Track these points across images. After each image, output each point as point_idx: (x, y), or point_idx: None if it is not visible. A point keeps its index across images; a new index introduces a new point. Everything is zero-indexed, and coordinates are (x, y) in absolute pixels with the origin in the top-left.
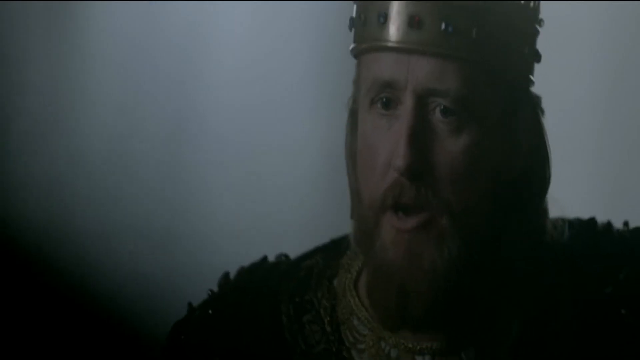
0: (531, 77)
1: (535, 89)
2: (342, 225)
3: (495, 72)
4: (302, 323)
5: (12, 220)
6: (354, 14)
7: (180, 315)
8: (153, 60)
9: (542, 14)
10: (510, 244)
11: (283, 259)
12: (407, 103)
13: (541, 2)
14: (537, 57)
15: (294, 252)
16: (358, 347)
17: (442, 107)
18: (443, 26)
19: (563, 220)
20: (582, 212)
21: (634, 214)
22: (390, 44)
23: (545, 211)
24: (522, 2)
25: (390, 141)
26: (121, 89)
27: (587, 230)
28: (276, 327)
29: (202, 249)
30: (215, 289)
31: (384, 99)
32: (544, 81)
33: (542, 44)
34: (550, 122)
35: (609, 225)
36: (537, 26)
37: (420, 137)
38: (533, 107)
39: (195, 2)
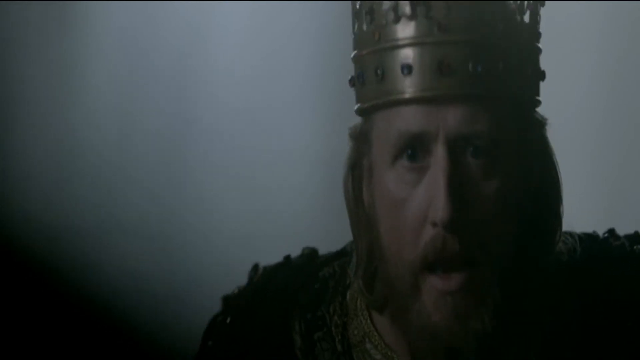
0: (538, 98)
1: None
2: (342, 228)
3: (517, 104)
4: (313, 341)
5: (10, 219)
6: (357, 71)
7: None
8: (152, 61)
9: (543, 14)
10: (528, 268)
11: (306, 252)
12: (440, 152)
13: (541, 2)
14: (542, 76)
15: (295, 253)
16: None
17: (473, 149)
18: (471, 67)
19: (572, 235)
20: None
21: (634, 213)
22: (419, 95)
23: (557, 233)
24: (529, 22)
25: (423, 194)
26: (120, 90)
27: (594, 244)
28: (287, 343)
29: (201, 250)
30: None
31: (411, 152)
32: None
33: (542, 44)
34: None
35: (612, 235)
36: (539, 44)
37: (457, 184)
38: (540, 128)
39: (195, 2)
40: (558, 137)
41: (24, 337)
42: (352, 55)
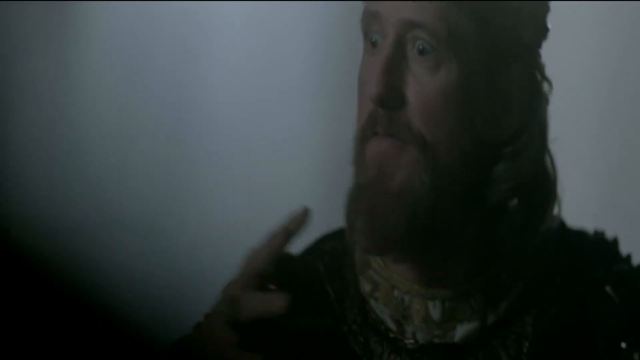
0: (540, 42)
1: None
2: (343, 222)
3: (482, 11)
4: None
5: (8, 217)
6: None
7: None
8: (152, 59)
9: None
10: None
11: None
12: (388, 37)
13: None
14: (545, 28)
15: (295, 249)
16: (375, 296)
17: (421, 45)
18: None
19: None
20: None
21: (634, 214)
22: None
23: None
24: None
25: (371, 75)
26: (120, 87)
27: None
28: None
29: (201, 248)
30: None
31: (372, 39)
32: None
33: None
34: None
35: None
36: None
37: (395, 69)
38: (530, 66)
39: (195, 0)
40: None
41: (23, 336)
42: None
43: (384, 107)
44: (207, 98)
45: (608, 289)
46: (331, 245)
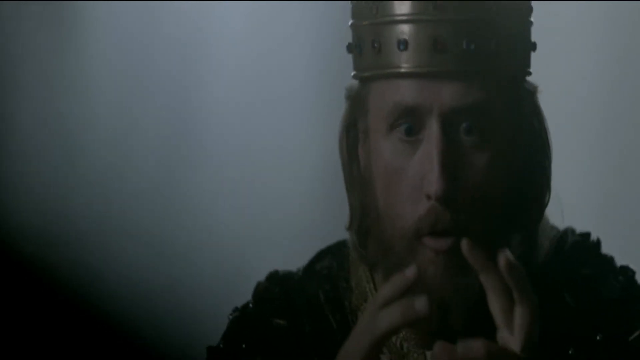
0: (529, 69)
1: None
2: (343, 226)
3: (509, 78)
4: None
5: (9, 224)
6: (355, 39)
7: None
8: (152, 62)
9: (542, 14)
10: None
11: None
12: (434, 127)
13: (541, 2)
14: (533, 47)
15: (295, 253)
16: None
17: (466, 124)
18: (465, 45)
19: (559, 232)
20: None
21: (633, 214)
22: (414, 70)
23: (546, 196)
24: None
25: (417, 167)
26: (120, 90)
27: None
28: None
29: (202, 255)
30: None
31: (406, 126)
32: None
33: (542, 44)
34: (551, 123)
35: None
36: (531, 18)
37: (450, 159)
38: (531, 96)
39: (195, 2)
40: (558, 136)
41: (24, 343)
42: (349, 23)
43: (448, 205)
44: (207, 102)
45: (566, 297)
46: (327, 266)
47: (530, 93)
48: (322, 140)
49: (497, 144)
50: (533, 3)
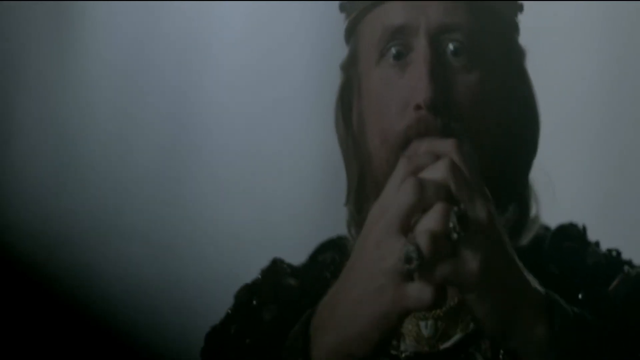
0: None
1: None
2: (342, 229)
3: (494, 9)
4: None
5: (9, 226)
6: None
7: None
8: (152, 62)
9: (542, 15)
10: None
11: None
12: (422, 43)
13: (543, 2)
14: (520, 8)
15: (296, 254)
16: None
17: (452, 45)
18: None
19: (547, 229)
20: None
21: (634, 214)
22: None
23: (531, 159)
24: None
25: (405, 84)
26: (120, 91)
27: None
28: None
29: (202, 257)
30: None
31: (395, 50)
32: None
33: (543, 44)
34: (551, 122)
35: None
36: None
37: (439, 71)
38: (520, 57)
39: (195, 2)
40: (559, 137)
41: (24, 345)
42: None
43: (437, 112)
44: (207, 103)
45: (552, 267)
46: (330, 257)
47: (520, 53)
48: (322, 140)
49: (485, 72)
50: (533, 4)
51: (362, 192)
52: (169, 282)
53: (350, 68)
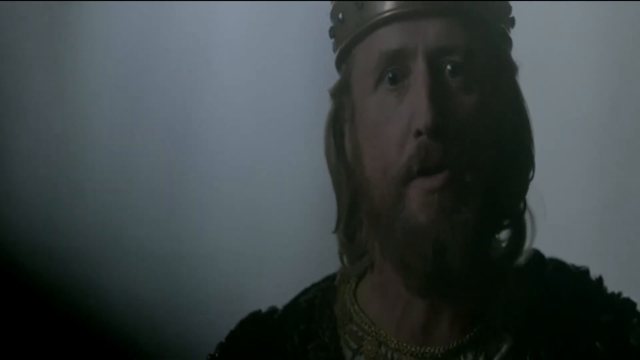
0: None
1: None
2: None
3: (488, 26)
4: (307, 350)
5: (9, 240)
6: (336, 15)
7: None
8: (151, 67)
9: (543, 15)
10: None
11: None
12: (421, 66)
13: (542, 2)
14: (512, 23)
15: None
16: (359, 352)
17: (451, 66)
18: None
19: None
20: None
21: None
22: (397, 12)
23: (529, 173)
24: None
25: (404, 111)
26: (119, 100)
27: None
28: (282, 354)
29: (203, 273)
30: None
31: (392, 74)
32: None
33: (543, 45)
34: (551, 123)
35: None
36: None
37: (438, 95)
38: (513, 72)
39: (197, 2)
40: (559, 138)
41: (20, 356)
42: (331, 9)
43: (438, 138)
44: (207, 112)
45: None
46: (311, 297)
47: (512, 67)
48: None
49: (483, 92)
50: (533, 4)
51: (354, 220)
52: (167, 294)
53: (342, 95)
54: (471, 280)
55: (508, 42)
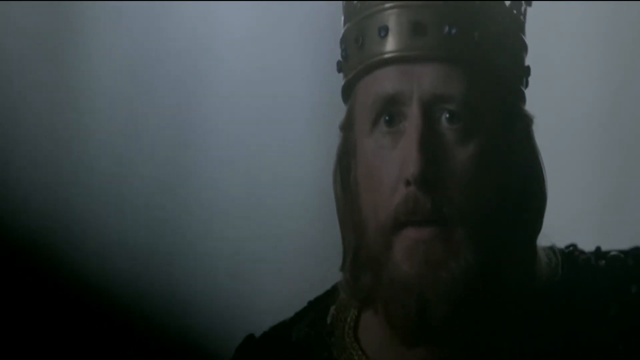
0: (521, 74)
1: (535, 90)
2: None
3: (495, 76)
4: None
5: (10, 234)
6: (342, 49)
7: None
8: (154, 65)
9: (543, 15)
10: (507, 267)
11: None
12: (414, 113)
13: (542, 2)
14: (525, 49)
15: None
16: None
17: (448, 114)
18: (446, 30)
19: (554, 250)
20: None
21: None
22: (395, 55)
23: (536, 233)
24: (515, 11)
25: (397, 157)
26: (123, 97)
27: (574, 263)
28: None
29: (203, 270)
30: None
31: (388, 117)
32: (545, 81)
33: (543, 45)
34: (551, 123)
35: (596, 253)
36: (524, 38)
37: (430, 145)
38: (527, 124)
39: (199, 2)
40: (560, 138)
41: (25, 352)
42: (340, 39)
43: (427, 190)
44: (211, 110)
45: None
46: (299, 338)
47: (526, 120)
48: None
49: (482, 143)
50: (533, 4)
51: (358, 261)
52: (171, 296)
53: (349, 130)
54: (468, 330)
55: (520, 95)
